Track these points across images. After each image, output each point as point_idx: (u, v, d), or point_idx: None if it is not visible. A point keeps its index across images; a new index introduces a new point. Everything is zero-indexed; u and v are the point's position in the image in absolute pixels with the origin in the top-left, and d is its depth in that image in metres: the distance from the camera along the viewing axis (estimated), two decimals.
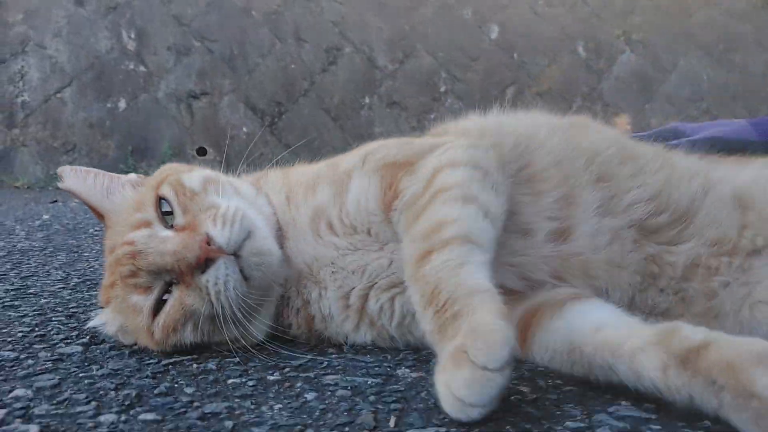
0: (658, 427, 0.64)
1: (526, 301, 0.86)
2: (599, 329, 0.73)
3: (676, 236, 0.88)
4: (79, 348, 0.92)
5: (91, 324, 0.96)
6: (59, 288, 1.34)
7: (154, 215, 0.91)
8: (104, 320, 0.93)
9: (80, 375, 0.81)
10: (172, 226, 0.89)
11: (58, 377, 0.80)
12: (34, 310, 1.14)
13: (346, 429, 0.65)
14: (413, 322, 0.84)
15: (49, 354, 0.90)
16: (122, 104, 5.93)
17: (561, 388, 0.76)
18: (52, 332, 1.00)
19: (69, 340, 0.96)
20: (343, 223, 0.91)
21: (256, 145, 6.57)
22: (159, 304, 0.86)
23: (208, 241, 0.83)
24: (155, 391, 0.76)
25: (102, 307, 0.96)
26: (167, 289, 0.87)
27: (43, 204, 3.40)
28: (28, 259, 1.69)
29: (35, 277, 1.45)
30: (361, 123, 6.93)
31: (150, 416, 0.68)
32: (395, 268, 0.86)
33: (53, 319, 1.08)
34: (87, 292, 1.30)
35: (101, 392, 0.75)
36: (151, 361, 0.87)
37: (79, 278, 1.44)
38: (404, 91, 6.63)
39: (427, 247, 0.76)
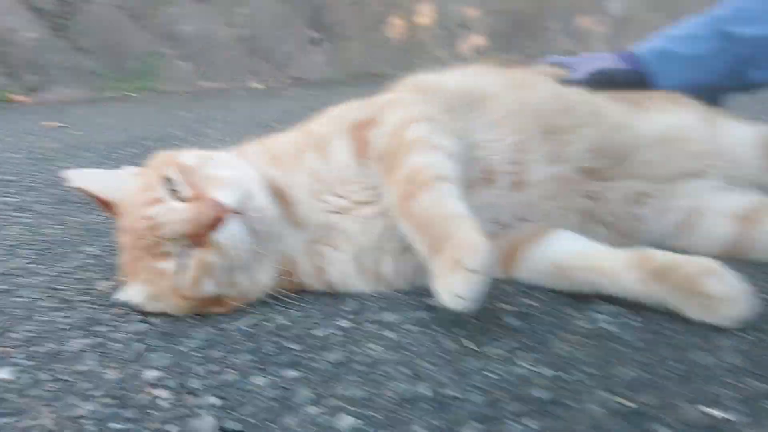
0: (631, 314, 0.98)
1: (506, 237, 1.14)
2: (583, 256, 1.04)
3: (612, 174, 1.21)
4: (145, 325, 1.03)
5: (119, 297, 1.07)
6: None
7: (164, 192, 1.03)
8: (132, 292, 1.06)
9: (182, 349, 0.94)
10: (181, 200, 1.02)
11: (168, 354, 0.93)
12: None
13: (443, 355, 0.89)
14: (423, 277, 1.03)
15: (123, 335, 0.99)
16: None
17: (551, 297, 1.06)
18: (94, 314, 1.08)
19: (121, 318, 1.05)
20: (332, 179, 1.10)
21: (45, 53, 5.92)
22: (182, 266, 1.00)
23: (218, 204, 0.99)
24: (266, 352, 0.92)
25: (124, 283, 1.07)
26: (186, 252, 1.01)
27: None
28: None
29: None
30: (165, 22, 6.52)
31: (292, 373, 0.86)
32: (399, 236, 1.05)
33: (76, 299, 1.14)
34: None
35: (224, 361, 0.90)
36: (227, 327, 1.01)
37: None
38: None
39: (410, 188, 0.99)
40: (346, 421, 0.75)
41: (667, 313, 0.95)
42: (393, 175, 1.03)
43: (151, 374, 0.87)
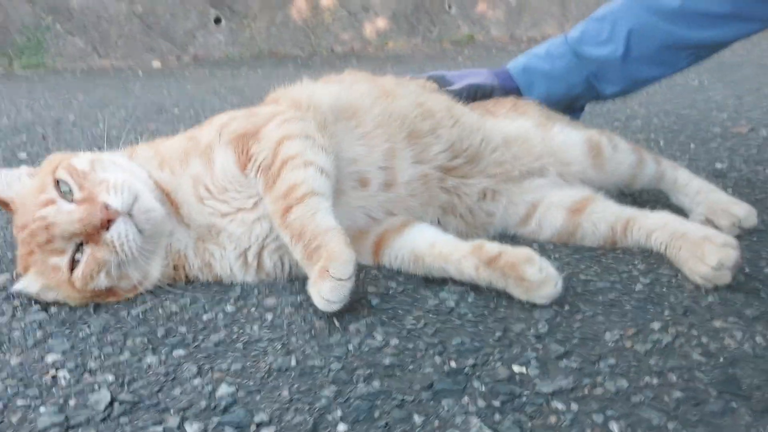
0: (474, 293, 1.18)
1: (374, 230, 1.32)
2: (433, 245, 1.23)
3: (468, 172, 1.41)
4: (43, 314, 1.13)
5: (16, 287, 1.18)
6: None
7: (56, 194, 1.15)
8: (27, 283, 1.17)
9: (81, 335, 1.06)
10: (72, 201, 1.14)
11: (66, 340, 1.04)
12: None
13: (313, 332, 1.06)
14: (298, 269, 1.20)
15: (23, 324, 1.10)
16: None
17: (412, 281, 1.25)
18: None
19: (22, 308, 1.15)
20: (216, 186, 1.24)
21: None
22: (73, 261, 1.13)
23: (107, 206, 1.11)
24: (158, 335, 1.06)
25: (21, 274, 1.17)
26: (77, 248, 1.13)
27: None
28: None
29: None
30: None
31: (180, 351, 1.00)
32: (276, 235, 1.20)
33: None
34: None
35: (119, 344, 1.03)
36: (122, 314, 1.14)
37: None
38: None
39: (287, 203, 1.15)
40: (225, 389, 0.90)
41: (498, 293, 1.16)
42: (272, 189, 1.17)
43: (51, 357, 0.99)
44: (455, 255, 1.19)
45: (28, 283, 1.15)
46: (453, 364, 0.96)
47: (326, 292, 1.04)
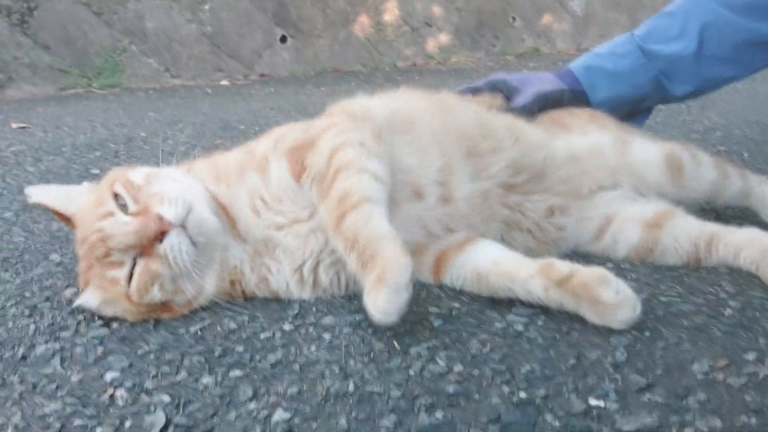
0: (544, 315, 1.11)
1: (434, 247, 1.26)
2: (497, 263, 1.16)
3: (531, 189, 1.34)
4: (105, 330, 1.13)
5: (77, 302, 1.18)
6: None
7: (114, 207, 1.15)
8: (87, 298, 1.16)
9: (140, 353, 1.05)
10: (128, 214, 1.13)
11: (125, 358, 1.03)
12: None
13: (372, 355, 1.01)
14: (356, 285, 1.15)
15: (85, 340, 1.09)
16: None
17: (477, 302, 1.19)
18: (58, 319, 1.18)
19: (84, 324, 1.15)
20: (271, 198, 1.21)
21: (6, 49, 5.90)
22: (131, 274, 1.11)
23: (161, 218, 1.10)
24: (215, 354, 1.03)
25: (82, 290, 1.17)
26: (135, 261, 1.12)
27: None
28: None
29: None
30: (129, 17, 6.52)
31: (237, 372, 0.97)
32: (331, 248, 1.16)
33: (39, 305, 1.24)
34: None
35: (176, 363, 1.01)
36: (180, 331, 1.12)
37: None
38: None
39: (341, 210, 1.10)
40: (281, 415, 0.86)
41: (570, 315, 1.08)
42: (326, 197, 1.13)
43: (110, 375, 0.98)
44: (522, 274, 1.12)
45: (89, 298, 1.15)
46: (522, 394, 0.90)
47: (382, 302, 0.98)
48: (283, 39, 7.26)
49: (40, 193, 1.21)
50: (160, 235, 1.09)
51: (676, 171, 1.44)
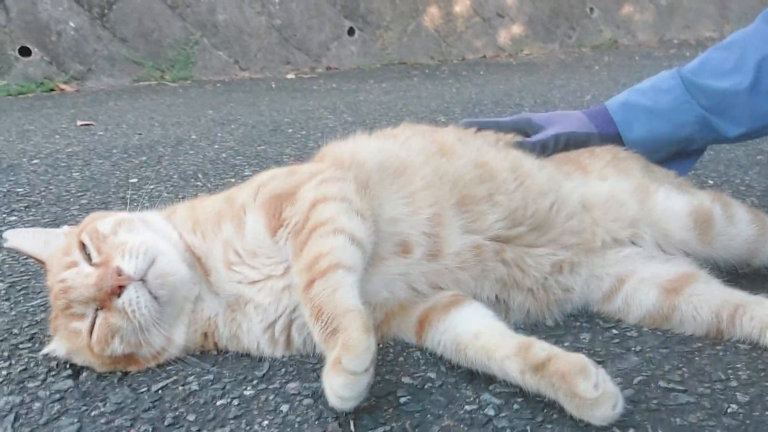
0: (521, 399, 1.01)
1: (419, 306, 1.17)
2: (478, 335, 1.07)
3: (534, 241, 1.23)
4: (70, 382, 1.12)
5: (45, 350, 1.18)
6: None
7: (79, 256, 1.13)
8: (55, 346, 1.16)
9: (93, 414, 1.03)
10: (93, 265, 1.11)
11: (77, 420, 1.01)
12: None
13: None
14: None
15: (48, 393, 1.09)
16: None
17: (455, 373, 1.10)
18: (32, 365, 1.18)
19: (53, 373, 1.15)
20: (245, 251, 1.16)
21: (87, 42, 6.14)
22: (92, 326, 1.10)
23: (119, 272, 1.07)
24: (165, 423, 1.00)
25: (53, 335, 1.16)
26: (96, 313, 1.10)
27: None
28: None
29: None
30: (201, 10, 6.65)
31: None
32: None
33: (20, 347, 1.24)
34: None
35: (124, 431, 0.98)
36: (142, 389, 1.09)
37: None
38: None
39: (309, 276, 1.03)
40: None
41: (548, 401, 0.98)
42: (299, 257, 1.07)
43: None
44: (499, 353, 1.02)
45: (56, 347, 1.14)
46: None
47: (338, 387, 0.91)
48: (351, 31, 7.22)
49: (16, 238, 1.22)
50: (118, 290, 1.06)
51: (704, 227, 1.28)
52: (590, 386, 0.92)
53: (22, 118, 4.24)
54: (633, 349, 1.16)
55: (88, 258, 1.12)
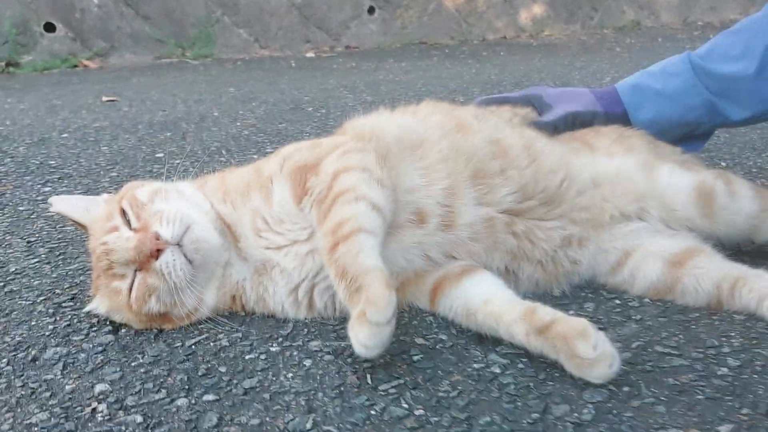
0: (526, 359, 1.09)
1: (433, 275, 1.26)
2: (487, 302, 1.15)
3: (544, 215, 1.30)
4: (111, 337, 1.22)
5: (87, 308, 1.28)
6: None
7: (120, 221, 1.23)
8: (96, 304, 1.26)
9: (134, 365, 1.13)
10: (131, 230, 1.20)
11: (118, 369, 1.11)
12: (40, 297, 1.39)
13: (342, 388, 1.04)
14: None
15: (91, 346, 1.19)
16: None
17: (465, 335, 1.18)
18: (75, 321, 1.28)
19: (95, 328, 1.25)
20: (273, 219, 1.25)
21: (110, 19, 6.24)
22: (132, 286, 1.19)
23: (157, 237, 1.16)
24: (198, 374, 1.10)
25: (93, 296, 1.27)
26: (135, 274, 1.19)
27: None
28: None
29: None
30: None
31: (210, 396, 1.03)
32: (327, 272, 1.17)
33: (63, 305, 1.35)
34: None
35: (161, 379, 1.08)
36: (177, 344, 1.19)
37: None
38: None
39: (334, 240, 1.11)
40: None
41: (551, 361, 1.06)
42: (323, 223, 1.16)
43: (99, 387, 1.06)
44: (506, 317, 1.10)
45: (97, 305, 1.24)
46: None
47: (363, 337, 1.01)
48: (371, 10, 7.24)
49: (61, 204, 1.32)
50: (156, 253, 1.15)
51: (707, 202, 1.34)
52: (589, 347, 0.99)
53: (49, 94, 4.36)
54: (633, 317, 1.23)
55: (128, 223, 1.21)
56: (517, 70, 5.10)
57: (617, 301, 1.29)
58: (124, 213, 1.22)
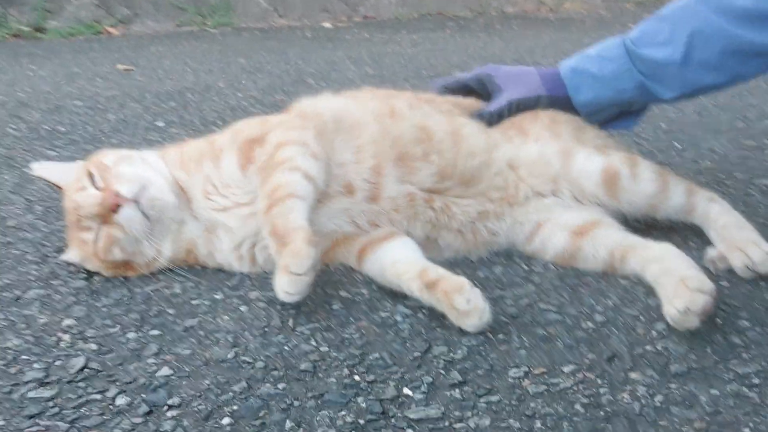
0: (426, 311, 1.27)
1: (363, 237, 1.45)
2: (395, 263, 1.34)
3: (460, 193, 1.48)
4: (84, 282, 1.44)
5: (62, 257, 1.50)
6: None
7: (87, 182, 1.43)
8: (70, 255, 1.48)
9: (98, 305, 1.34)
10: (97, 190, 1.41)
11: (85, 308, 1.33)
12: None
13: (266, 329, 1.24)
14: None
15: (67, 289, 1.41)
16: None
17: (384, 290, 1.37)
18: (56, 269, 1.50)
19: (71, 275, 1.47)
20: (220, 183, 1.45)
21: None
22: (97, 237, 1.40)
23: (117, 194, 1.37)
24: (150, 314, 1.31)
25: (69, 246, 1.48)
26: (100, 227, 1.40)
27: None
28: None
29: None
30: None
31: (156, 332, 1.24)
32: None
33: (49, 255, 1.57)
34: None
35: (118, 317, 1.29)
36: (137, 290, 1.40)
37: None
38: None
39: (269, 202, 1.32)
40: (164, 371, 1.12)
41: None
42: (264, 187, 1.35)
43: (67, 322, 1.28)
44: (406, 275, 1.29)
45: (71, 255, 1.46)
46: (356, 377, 1.09)
47: (285, 284, 1.23)
48: None
49: (41, 169, 1.55)
50: (116, 207, 1.36)
51: (612, 184, 1.50)
52: (464, 301, 1.18)
53: (70, 61, 4.59)
54: (533, 280, 1.40)
55: (94, 184, 1.42)
56: (522, 45, 5.18)
57: (524, 267, 1.47)
58: (91, 175, 1.43)
